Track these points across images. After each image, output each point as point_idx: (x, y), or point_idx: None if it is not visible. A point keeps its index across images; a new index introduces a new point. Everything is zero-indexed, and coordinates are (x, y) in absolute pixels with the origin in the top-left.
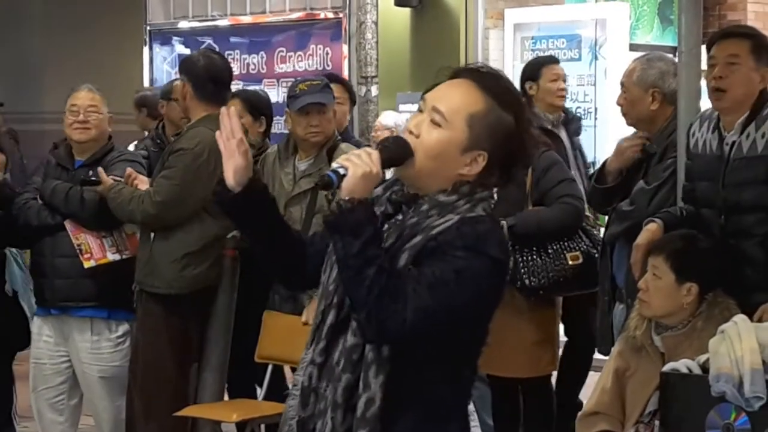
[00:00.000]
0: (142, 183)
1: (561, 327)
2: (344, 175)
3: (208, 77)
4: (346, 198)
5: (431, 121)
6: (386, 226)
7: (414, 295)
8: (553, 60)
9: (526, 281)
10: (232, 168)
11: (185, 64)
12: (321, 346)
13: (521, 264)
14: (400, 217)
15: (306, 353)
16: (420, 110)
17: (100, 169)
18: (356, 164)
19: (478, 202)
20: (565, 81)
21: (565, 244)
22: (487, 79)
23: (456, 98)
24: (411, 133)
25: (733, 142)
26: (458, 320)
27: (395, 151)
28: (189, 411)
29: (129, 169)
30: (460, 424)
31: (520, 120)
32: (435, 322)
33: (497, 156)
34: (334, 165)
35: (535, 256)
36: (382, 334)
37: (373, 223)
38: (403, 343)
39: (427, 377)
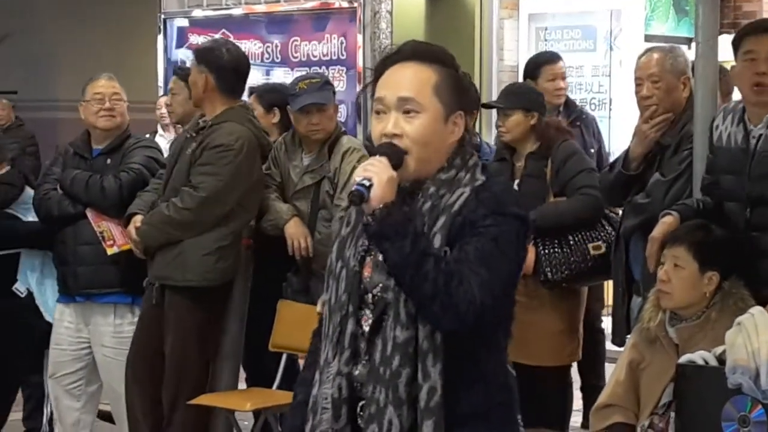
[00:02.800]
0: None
1: None
2: (371, 186)
3: (232, 70)
4: (380, 206)
5: (404, 113)
6: None
7: (472, 273)
8: (553, 58)
9: (549, 275)
10: None
11: (208, 56)
12: (346, 356)
13: (543, 257)
14: (405, 209)
15: (328, 366)
16: (378, 112)
17: (129, 229)
18: (378, 173)
19: (473, 169)
20: (564, 78)
21: (587, 234)
22: (418, 51)
23: (413, 80)
24: (395, 136)
25: (760, 135)
26: (510, 285)
27: (394, 156)
28: (203, 399)
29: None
30: (512, 396)
31: (456, 67)
32: (496, 294)
33: (466, 108)
34: (357, 179)
35: (556, 249)
36: (459, 319)
37: (412, 219)
38: (476, 321)
39: (478, 355)
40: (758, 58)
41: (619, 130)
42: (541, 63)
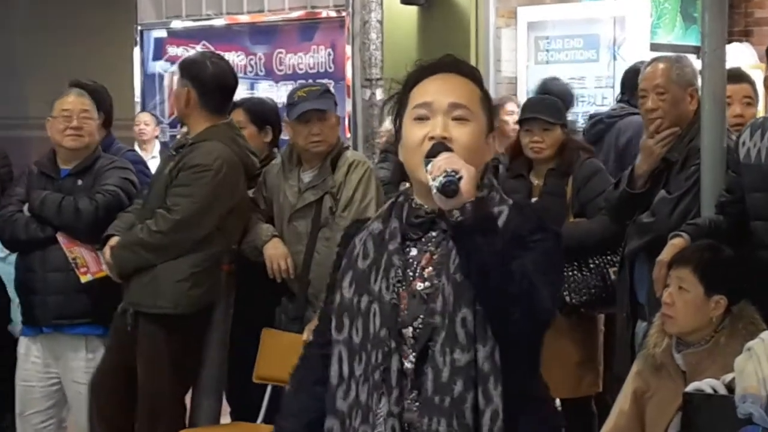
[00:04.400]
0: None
1: None
2: (461, 178)
3: (216, 86)
4: (471, 199)
5: (454, 120)
6: (438, 246)
7: (542, 284)
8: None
9: (567, 298)
10: None
11: (191, 69)
12: (395, 395)
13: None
14: (434, 234)
15: (377, 407)
16: (421, 118)
17: (105, 251)
18: (465, 165)
19: (499, 190)
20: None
21: (608, 258)
22: (459, 65)
23: (463, 89)
24: (443, 138)
25: None
26: (558, 296)
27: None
28: None
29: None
30: (561, 421)
31: (485, 87)
32: (557, 305)
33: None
34: (447, 169)
35: (576, 272)
36: (536, 327)
37: (495, 218)
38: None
39: (528, 374)
40: None
41: None
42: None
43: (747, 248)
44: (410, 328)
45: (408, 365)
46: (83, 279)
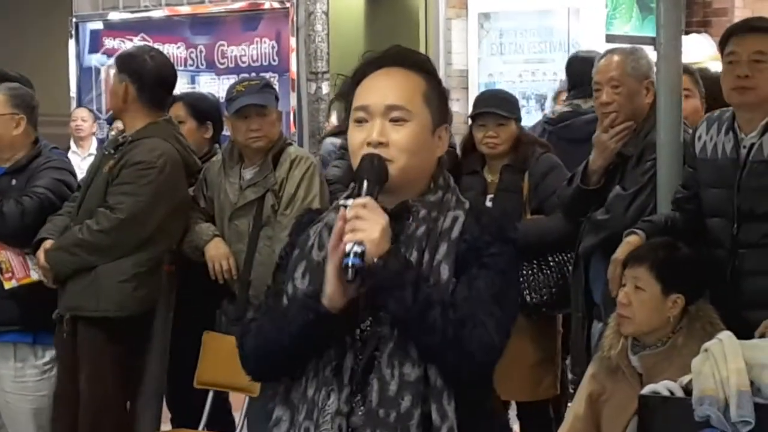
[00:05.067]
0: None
1: None
2: (364, 251)
3: (156, 81)
4: (374, 259)
5: (391, 122)
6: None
7: (487, 316)
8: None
9: (527, 298)
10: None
11: (129, 64)
12: (346, 394)
13: (521, 279)
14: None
15: (325, 404)
16: (360, 120)
17: (38, 255)
18: (367, 230)
19: (455, 191)
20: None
21: (568, 255)
22: (405, 57)
23: (402, 87)
24: (380, 144)
25: (752, 145)
26: (515, 318)
27: (376, 173)
28: None
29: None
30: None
31: (439, 79)
32: (509, 330)
33: (449, 122)
34: (347, 248)
35: (536, 270)
36: (477, 366)
37: (410, 266)
38: (494, 366)
39: (482, 392)
40: (740, 60)
41: None
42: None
43: (703, 246)
44: (358, 330)
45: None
46: (7, 285)
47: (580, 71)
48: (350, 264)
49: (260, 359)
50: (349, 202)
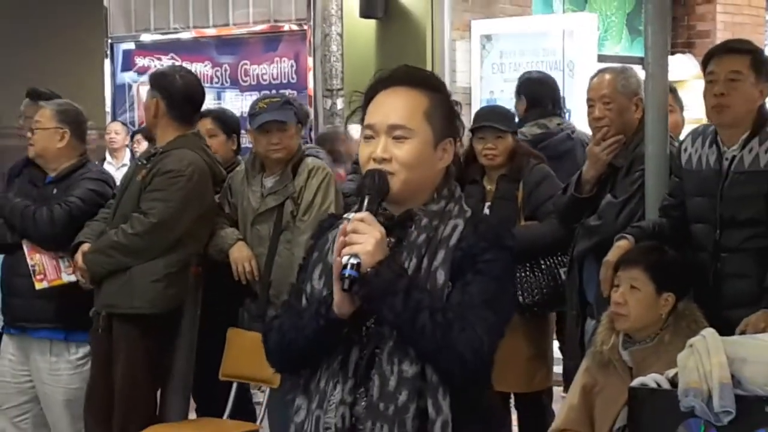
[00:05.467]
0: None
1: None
2: (359, 262)
3: (184, 98)
4: (368, 269)
5: (394, 139)
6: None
7: (478, 319)
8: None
9: (521, 298)
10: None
11: (161, 81)
12: (350, 385)
13: (515, 281)
14: (392, 239)
15: (332, 394)
16: (368, 137)
17: (76, 258)
18: (362, 243)
19: (460, 201)
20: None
21: (559, 259)
22: (413, 76)
23: (404, 106)
24: (384, 160)
25: (734, 157)
26: (510, 322)
27: (377, 188)
28: (152, 430)
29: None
30: (508, 428)
31: (448, 94)
32: (501, 335)
33: (456, 135)
34: (344, 260)
35: (528, 272)
36: (467, 368)
37: (402, 274)
38: (487, 366)
39: (479, 389)
40: (718, 79)
41: None
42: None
43: (688, 250)
44: (364, 328)
45: (361, 361)
46: (38, 286)
47: (536, 92)
48: (346, 275)
49: (282, 354)
50: (351, 215)
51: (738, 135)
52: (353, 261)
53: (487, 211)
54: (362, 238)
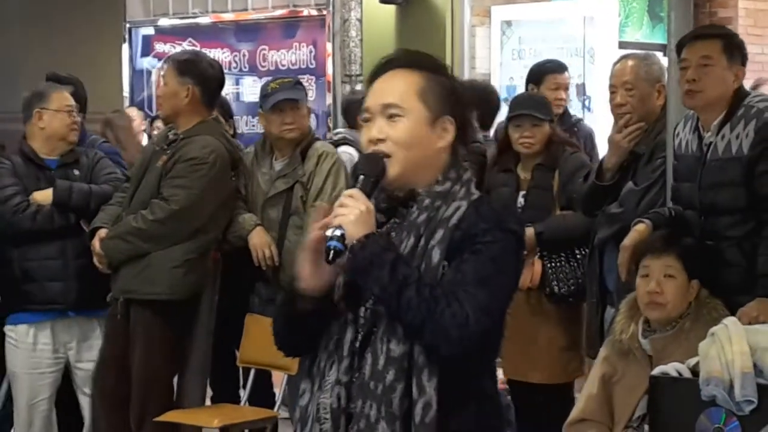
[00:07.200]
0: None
1: None
2: (343, 234)
3: (218, 85)
4: (354, 241)
5: (388, 118)
6: (392, 232)
7: (467, 295)
8: (558, 69)
9: (555, 288)
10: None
11: (193, 68)
12: (345, 365)
13: (550, 270)
14: (397, 220)
15: (327, 374)
16: (366, 120)
17: (93, 243)
18: (346, 215)
19: (468, 183)
20: (567, 89)
21: None
22: (409, 58)
23: (397, 86)
24: (379, 141)
25: (711, 143)
26: (507, 304)
27: (372, 168)
28: (170, 416)
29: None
30: (503, 420)
31: (451, 78)
32: (495, 316)
33: (457, 116)
34: (328, 233)
35: (563, 262)
36: (452, 344)
37: (390, 248)
38: (474, 344)
39: (473, 372)
40: (690, 66)
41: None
42: (546, 71)
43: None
44: (363, 308)
45: (357, 344)
46: None
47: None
48: (332, 247)
49: (284, 337)
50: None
51: (714, 119)
52: (337, 233)
53: (522, 200)
54: (347, 211)
